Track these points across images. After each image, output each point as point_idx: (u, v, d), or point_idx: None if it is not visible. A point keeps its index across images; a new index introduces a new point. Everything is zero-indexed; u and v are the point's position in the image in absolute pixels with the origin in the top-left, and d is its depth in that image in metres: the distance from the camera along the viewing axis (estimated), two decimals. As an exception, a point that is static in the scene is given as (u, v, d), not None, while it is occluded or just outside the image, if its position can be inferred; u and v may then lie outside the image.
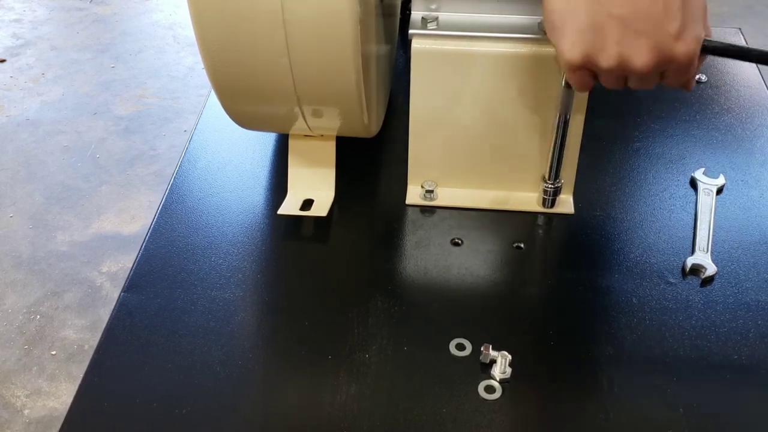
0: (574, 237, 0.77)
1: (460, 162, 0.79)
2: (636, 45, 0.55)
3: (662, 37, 0.55)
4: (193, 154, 0.88)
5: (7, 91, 2.52)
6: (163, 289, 0.71)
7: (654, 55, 0.55)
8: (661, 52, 0.55)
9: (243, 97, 0.72)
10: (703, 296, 0.70)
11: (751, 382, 0.63)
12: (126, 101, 2.47)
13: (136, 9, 3.02)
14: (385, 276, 0.73)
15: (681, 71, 0.57)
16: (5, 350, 1.67)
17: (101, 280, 1.84)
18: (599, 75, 0.60)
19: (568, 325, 0.67)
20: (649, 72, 0.57)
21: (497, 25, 0.70)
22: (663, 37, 0.55)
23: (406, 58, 0.99)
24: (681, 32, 0.55)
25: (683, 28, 0.55)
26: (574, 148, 0.76)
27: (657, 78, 0.59)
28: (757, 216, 0.78)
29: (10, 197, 2.07)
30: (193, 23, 0.65)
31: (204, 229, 0.78)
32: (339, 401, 0.61)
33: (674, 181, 0.83)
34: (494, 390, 0.62)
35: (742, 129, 0.91)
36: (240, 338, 0.67)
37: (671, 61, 0.56)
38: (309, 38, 0.64)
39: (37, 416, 1.55)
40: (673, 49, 0.55)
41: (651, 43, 0.55)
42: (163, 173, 2.15)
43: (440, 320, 0.68)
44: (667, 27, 0.54)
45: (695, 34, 0.55)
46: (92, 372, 0.64)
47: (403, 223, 0.79)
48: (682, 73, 0.58)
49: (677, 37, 0.55)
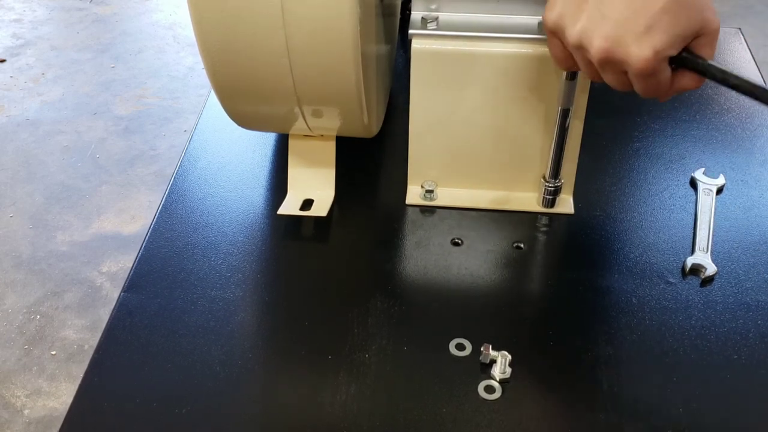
0: (574, 237, 0.77)
1: (460, 162, 0.79)
2: (598, 28, 0.55)
3: (623, 31, 0.54)
4: (193, 154, 0.88)
5: (7, 91, 2.52)
6: (162, 289, 0.71)
7: (608, 45, 0.55)
8: (616, 46, 0.54)
9: (243, 97, 0.72)
10: (703, 296, 0.70)
11: (751, 382, 0.63)
12: (126, 101, 2.47)
13: (136, 9, 3.02)
14: (385, 276, 0.73)
15: (638, 76, 0.56)
16: (5, 350, 1.67)
17: (101, 280, 1.84)
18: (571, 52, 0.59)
19: (568, 325, 0.67)
20: (602, 59, 0.56)
21: (497, 25, 0.70)
22: (623, 32, 0.54)
23: (406, 58, 0.99)
24: (642, 36, 0.53)
25: (646, 33, 0.53)
26: (574, 149, 0.76)
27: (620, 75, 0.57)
28: (757, 216, 0.78)
29: (10, 197, 2.08)
30: (193, 23, 0.65)
31: (204, 229, 0.78)
32: (339, 401, 0.61)
33: (674, 181, 0.83)
34: (494, 390, 0.62)
35: (742, 129, 0.91)
36: (240, 338, 0.67)
37: (624, 59, 0.55)
38: (309, 38, 0.64)
39: (37, 416, 1.55)
40: (627, 47, 0.54)
41: (611, 31, 0.54)
42: (163, 173, 2.16)
43: (440, 320, 0.68)
44: (632, 24, 0.53)
45: (655, 44, 0.53)
46: (92, 372, 0.64)
47: (403, 223, 0.79)
48: (639, 78, 0.56)
49: (637, 38, 0.53)
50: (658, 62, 0.54)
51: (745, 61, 1.03)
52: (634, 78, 0.56)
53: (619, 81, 0.58)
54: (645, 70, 0.54)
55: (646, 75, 0.55)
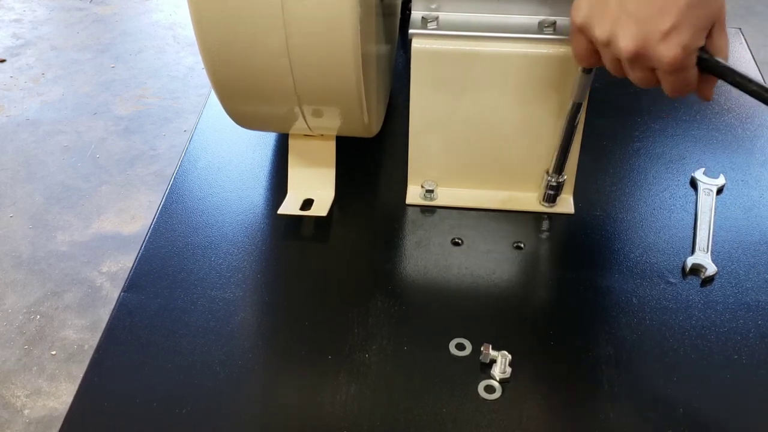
0: (574, 237, 0.77)
1: (460, 162, 0.79)
2: (626, 27, 0.55)
3: (650, 30, 0.54)
4: (193, 154, 0.88)
5: (7, 91, 2.52)
6: (163, 289, 0.71)
7: (636, 44, 0.55)
8: (644, 45, 0.55)
9: (243, 97, 0.72)
10: (703, 296, 0.70)
11: (751, 382, 0.63)
12: (126, 101, 2.47)
13: (136, 9, 3.02)
14: (385, 276, 0.73)
15: (666, 73, 0.57)
16: (5, 350, 1.67)
17: (101, 280, 1.84)
18: (598, 49, 0.60)
19: (568, 325, 0.67)
20: (630, 58, 0.57)
21: (497, 24, 0.70)
22: (650, 30, 0.54)
23: (406, 58, 0.99)
24: (669, 33, 0.54)
25: (673, 30, 0.54)
26: (575, 148, 0.76)
27: (647, 72, 0.58)
28: (757, 216, 0.78)
29: (10, 197, 2.07)
30: (193, 23, 0.65)
31: (204, 229, 0.78)
32: (339, 401, 0.61)
33: (674, 181, 0.83)
34: (494, 390, 0.62)
35: (742, 129, 0.91)
36: (240, 338, 0.67)
37: (652, 57, 0.56)
38: (309, 38, 0.64)
39: (37, 416, 1.55)
40: (655, 46, 0.55)
41: (638, 31, 0.55)
42: (163, 173, 2.15)
43: (440, 320, 0.68)
44: (658, 23, 0.54)
45: (682, 40, 0.54)
46: (92, 372, 0.64)
47: (403, 223, 0.79)
48: (667, 75, 0.57)
49: (664, 36, 0.54)
50: (687, 57, 0.55)
51: (745, 61, 1.03)
52: (664, 75, 0.57)
53: (645, 78, 0.59)
54: (675, 65, 0.55)
55: (675, 71, 0.56)
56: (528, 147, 0.76)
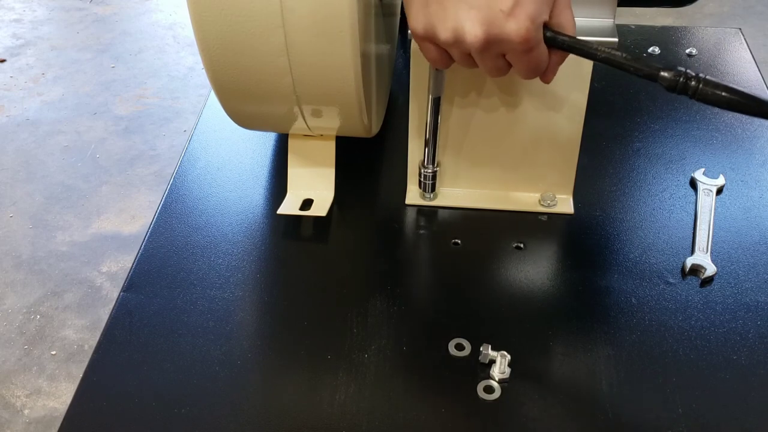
0: (574, 237, 0.77)
1: (460, 162, 0.79)
2: (468, 19, 0.55)
3: (493, 12, 0.54)
4: (193, 154, 0.88)
5: (7, 91, 2.52)
6: (162, 288, 0.71)
7: (484, 30, 0.55)
8: (492, 28, 0.55)
9: (243, 97, 0.72)
10: (703, 296, 0.70)
11: (750, 382, 0.63)
12: (126, 101, 2.47)
13: (136, 9, 3.02)
14: (384, 276, 0.72)
15: (519, 53, 0.57)
16: (5, 350, 1.67)
17: (101, 280, 1.84)
18: (447, 50, 0.60)
19: (567, 325, 0.67)
20: (481, 47, 0.56)
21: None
22: (494, 12, 0.54)
23: (406, 58, 0.99)
24: (513, 9, 0.54)
25: (516, 6, 0.54)
26: (574, 148, 0.76)
27: (499, 60, 0.58)
28: (757, 216, 0.78)
29: (10, 197, 2.08)
30: (193, 23, 0.65)
31: (204, 229, 0.78)
32: (338, 401, 0.61)
33: (674, 181, 0.83)
34: (493, 390, 0.62)
35: (742, 129, 0.91)
36: (239, 338, 0.67)
37: (503, 39, 0.55)
38: (308, 38, 0.64)
39: (37, 416, 1.55)
40: (503, 25, 0.55)
41: (482, 17, 0.55)
42: (163, 173, 2.16)
43: (439, 320, 0.68)
44: (499, 3, 0.54)
45: (528, 12, 0.54)
46: (92, 371, 0.64)
47: (403, 223, 0.79)
48: (521, 55, 0.57)
49: (509, 13, 0.54)
50: (537, 30, 0.55)
51: (745, 61, 1.03)
52: (518, 56, 0.57)
53: (496, 66, 0.59)
54: (526, 42, 0.55)
55: (527, 49, 0.56)
56: (527, 147, 0.76)
